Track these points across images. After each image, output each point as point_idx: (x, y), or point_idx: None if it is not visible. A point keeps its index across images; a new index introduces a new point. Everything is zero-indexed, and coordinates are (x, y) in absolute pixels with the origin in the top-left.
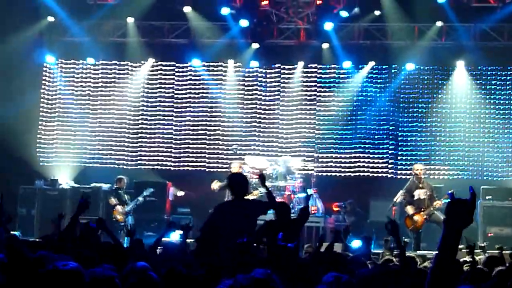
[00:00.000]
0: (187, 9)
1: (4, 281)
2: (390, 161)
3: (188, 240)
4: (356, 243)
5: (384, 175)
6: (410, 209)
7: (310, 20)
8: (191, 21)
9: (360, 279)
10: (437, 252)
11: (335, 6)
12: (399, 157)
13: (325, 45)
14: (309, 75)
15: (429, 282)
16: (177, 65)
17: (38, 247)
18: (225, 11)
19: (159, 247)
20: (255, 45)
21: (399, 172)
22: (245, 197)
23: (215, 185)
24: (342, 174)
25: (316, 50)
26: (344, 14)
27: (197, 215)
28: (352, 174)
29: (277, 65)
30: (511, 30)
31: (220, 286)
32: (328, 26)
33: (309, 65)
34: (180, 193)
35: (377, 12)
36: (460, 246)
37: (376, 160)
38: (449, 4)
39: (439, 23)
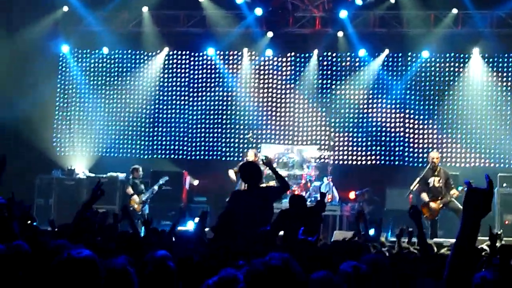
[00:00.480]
0: None
1: (27, 271)
2: (406, 149)
3: (205, 229)
4: (370, 231)
5: (400, 163)
6: (425, 197)
7: (325, 8)
8: (206, 10)
9: (375, 266)
10: (456, 240)
11: None
12: (415, 145)
13: (340, 33)
14: (324, 63)
15: (448, 269)
16: (192, 54)
17: (55, 236)
18: (240, 0)
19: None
20: (270, 34)
21: (415, 160)
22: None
23: (232, 174)
24: (358, 163)
25: (331, 38)
26: (359, 1)
27: (213, 203)
28: (368, 163)
29: (292, 54)
30: None
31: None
32: (343, 14)
33: (324, 54)
34: (196, 182)
35: (392, 0)
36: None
37: (392, 148)
38: None
39: (455, 11)
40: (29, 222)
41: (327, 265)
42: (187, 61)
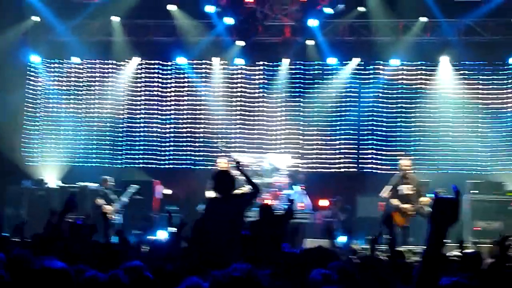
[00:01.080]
0: (172, 7)
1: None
2: (376, 157)
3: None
4: (342, 239)
5: (370, 170)
6: (396, 202)
7: (294, 17)
8: (176, 19)
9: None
10: (424, 248)
11: (319, 2)
12: (384, 152)
13: (310, 42)
14: (294, 71)
15: (417, 276)
16: (162, 63)
17: (28, 247)
18: (210, 9)
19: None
20: (240, 43)
21: (385, 167)
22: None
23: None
24: (328, 170)
25: (301, 46)
26: (328, 10)
27: (185, 212)
28: (338, 170)
29: (262, 62)
30: (495, 25)
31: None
32: (313, 22)
33: (294, 62)
34: (167, 191)
35: (361, 9)
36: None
37: (362, 156)
38: (433, 0)
39: (423, 19)
40: None
41: (297, 273)
42: (158, 70)
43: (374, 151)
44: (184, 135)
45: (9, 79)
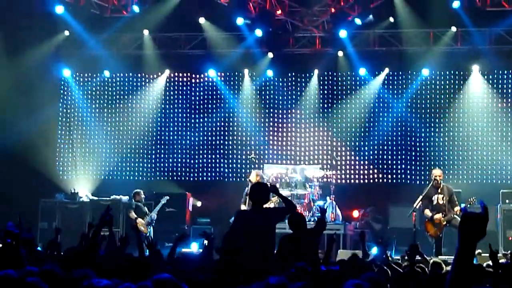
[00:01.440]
0: (202, 20)
1: None
2: (408, 167)
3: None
4: (374, 250)
5: (402, 181)
6: (428, 212)
7: (325, 28)
8: (207, 32)
9: (375, 284)
10: (453, 261)
11: (349, 13)
12: (417, 163)
13: (340, 53)
14: (325, 83)
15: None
16: (193, 76)
17: (62, 261)
18: (240, 21)
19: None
20: (270, 55)
21: (417, 177)
22: (264, 205)
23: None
24: (361, 181)
25: (331, 58)
26: (358, 21)
27: (217, 224)
28: (371, 181)
29: (292, 74)
30: None
31: None
32: (343, 33)
33: (325, 73)
34: (199, 203)
35: (391, 19)
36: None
37: (394, 166)
38: (463, 9)
39: (454, 28)
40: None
41: (332, 285)
42: (188, 83)
43: (406, 161)
44: (216, 147)
45: (43, 94)
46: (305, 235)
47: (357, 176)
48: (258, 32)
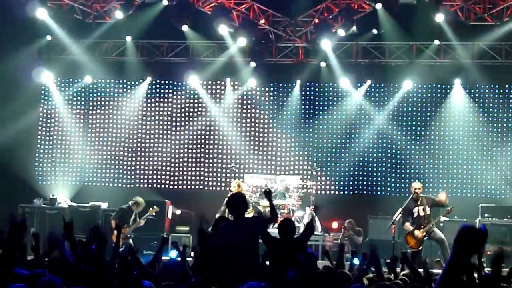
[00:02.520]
0: (185, 28)
1: None
2: (388, 179)
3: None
4: (356, 261)
5: (382, 193)
6: (409, 226)
7: (308, 39)
8: (190, 40)
9: None
10: (444, 270)
11: (333, 24)
12: (397, 175)
13: (323, 64)
14: (307, 93)
15: None
16: (175, 83)
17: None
18: (223, 30)
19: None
20: (253, 64)
21: (397, 190)
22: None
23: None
24: (341, 192)
25: (314, 68)
26: (341, 32)
27: (196, 233)
28: (350, 192)
29: (275, 84)
30: (508, 49)
31: None
32: (326, 44)
33: (307, 84)
34: (178, 212)
35: (374, 31)
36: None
37: (374, 178)
38: (446, 23)
39: (436, 42)
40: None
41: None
42: (170, 90)
43: (387, 173)
44: (197, 155)
45: (23, 99)
46: (294, 239)
47: (337, 187)
48: (241, 41)
